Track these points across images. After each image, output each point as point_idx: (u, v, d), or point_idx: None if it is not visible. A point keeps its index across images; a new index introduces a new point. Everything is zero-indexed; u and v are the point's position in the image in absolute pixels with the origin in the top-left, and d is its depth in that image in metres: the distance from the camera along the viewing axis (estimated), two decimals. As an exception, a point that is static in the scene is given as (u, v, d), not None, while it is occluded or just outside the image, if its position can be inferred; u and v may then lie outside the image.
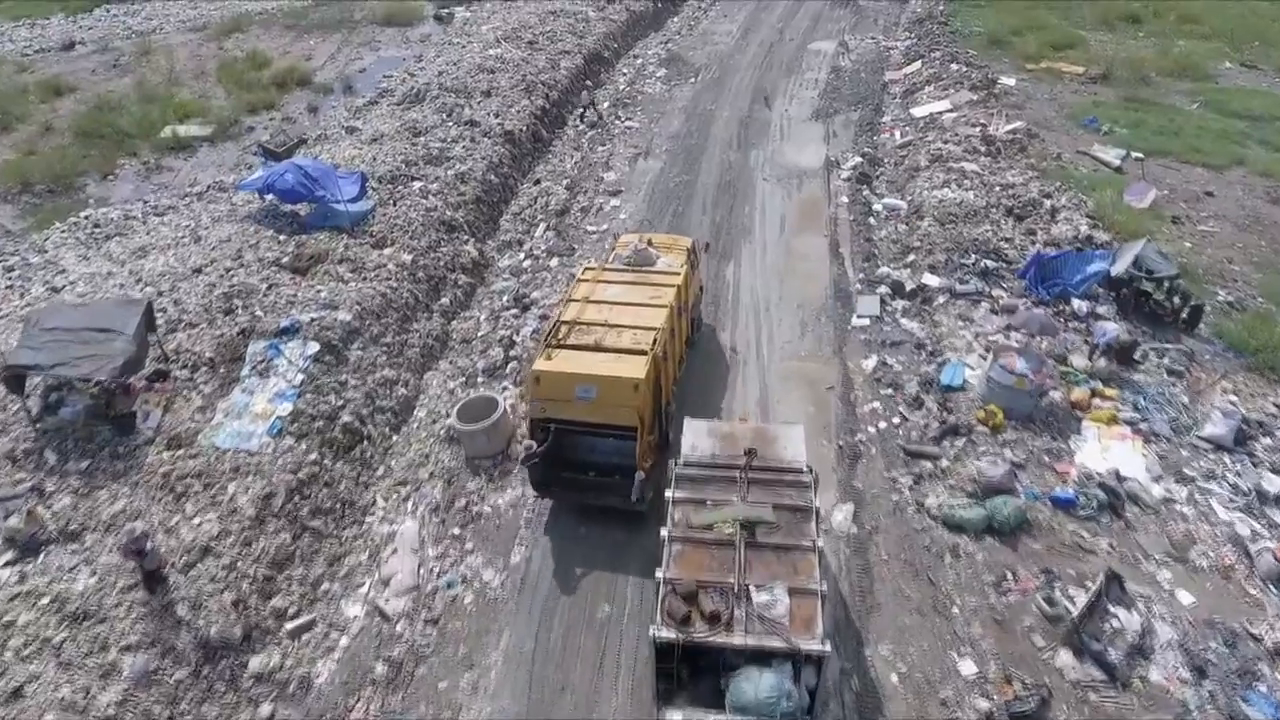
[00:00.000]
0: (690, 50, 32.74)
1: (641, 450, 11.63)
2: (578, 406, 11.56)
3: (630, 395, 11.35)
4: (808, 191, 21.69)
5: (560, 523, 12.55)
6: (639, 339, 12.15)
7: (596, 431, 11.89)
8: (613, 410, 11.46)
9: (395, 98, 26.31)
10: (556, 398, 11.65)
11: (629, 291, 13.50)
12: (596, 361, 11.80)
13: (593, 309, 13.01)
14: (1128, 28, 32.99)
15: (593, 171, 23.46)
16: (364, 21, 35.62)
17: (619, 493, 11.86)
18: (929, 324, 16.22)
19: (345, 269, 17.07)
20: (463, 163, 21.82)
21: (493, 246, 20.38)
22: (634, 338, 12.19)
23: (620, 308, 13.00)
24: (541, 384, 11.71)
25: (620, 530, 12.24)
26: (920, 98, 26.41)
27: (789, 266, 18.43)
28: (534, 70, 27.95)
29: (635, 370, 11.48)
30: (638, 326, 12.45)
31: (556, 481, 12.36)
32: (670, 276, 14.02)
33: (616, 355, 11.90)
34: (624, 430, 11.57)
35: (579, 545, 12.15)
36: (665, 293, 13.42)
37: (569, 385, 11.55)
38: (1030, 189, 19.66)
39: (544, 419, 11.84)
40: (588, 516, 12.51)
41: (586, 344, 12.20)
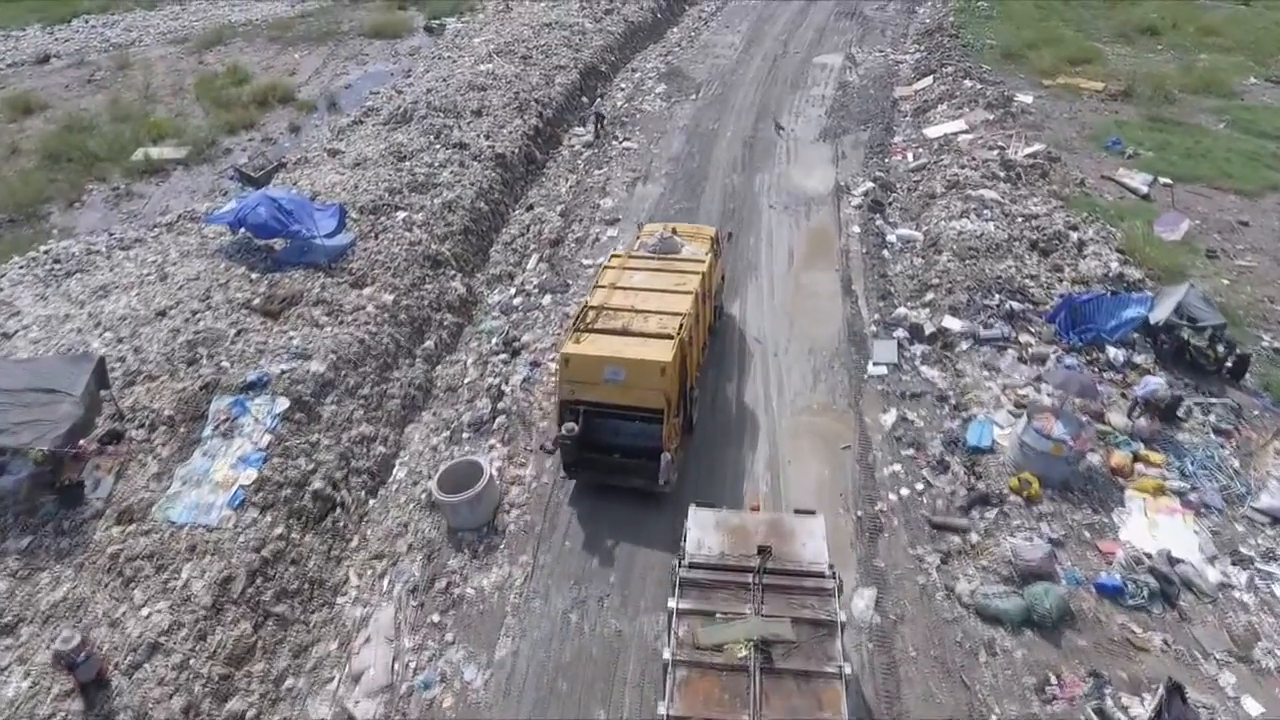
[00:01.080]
0: (691, 64, 31.73)
1: (668, 432, 12.15)
2: (606, 389, 12.04)
3: (657, 378, 11.84)
4: (817, 220, 20.64)
5: (549, 605, 11.45)
6: (665, 324, 12.62)
7: (623, 414, 12.31)
8: (640, 392, 11.94)
9: (381, 117, 25.24)
10: (585, 380, 12.12)
11: (654, 278, 13.95)
12: (624, 345, 12.26)
13: (619, 295, 13.48)
14: (1146, 40, 32.01)
15: (589, 197, 22.40)
16: (351, 33, 34.59)
17: (645, 475, 12.37)
18: (951, 373, 15.15)
19: (321, 312, 15.98)
20: (450, 189, 20.76)
21: (481, 280, 19.32)
22: (660, 323, 12.67)
23: (646, 294, 13.46)
24: (570, 366, 12.18)
25: (615, 617, 11.16)
26: (933, 116, 25.39)
27: (798, 306, 17.37)
28: (527, 87, 26.92)
29: (662, 354, 11.96)
30: (664, 312, 12.91)
31: (584, 463, 12.72)
32: (695, 264, 14.50)
33: (643, 339, 12.35)
34: (651, 412, 12.04)
35: (569, 637, 11.04)
36: (690, 280, 13.89)
37: (598, 368, 12.02)
38: (1055, 220, 18.61)
39: (573, 401, 12.31)
40: (581, 604, 11.41)
41: (614, 328, 12.67)
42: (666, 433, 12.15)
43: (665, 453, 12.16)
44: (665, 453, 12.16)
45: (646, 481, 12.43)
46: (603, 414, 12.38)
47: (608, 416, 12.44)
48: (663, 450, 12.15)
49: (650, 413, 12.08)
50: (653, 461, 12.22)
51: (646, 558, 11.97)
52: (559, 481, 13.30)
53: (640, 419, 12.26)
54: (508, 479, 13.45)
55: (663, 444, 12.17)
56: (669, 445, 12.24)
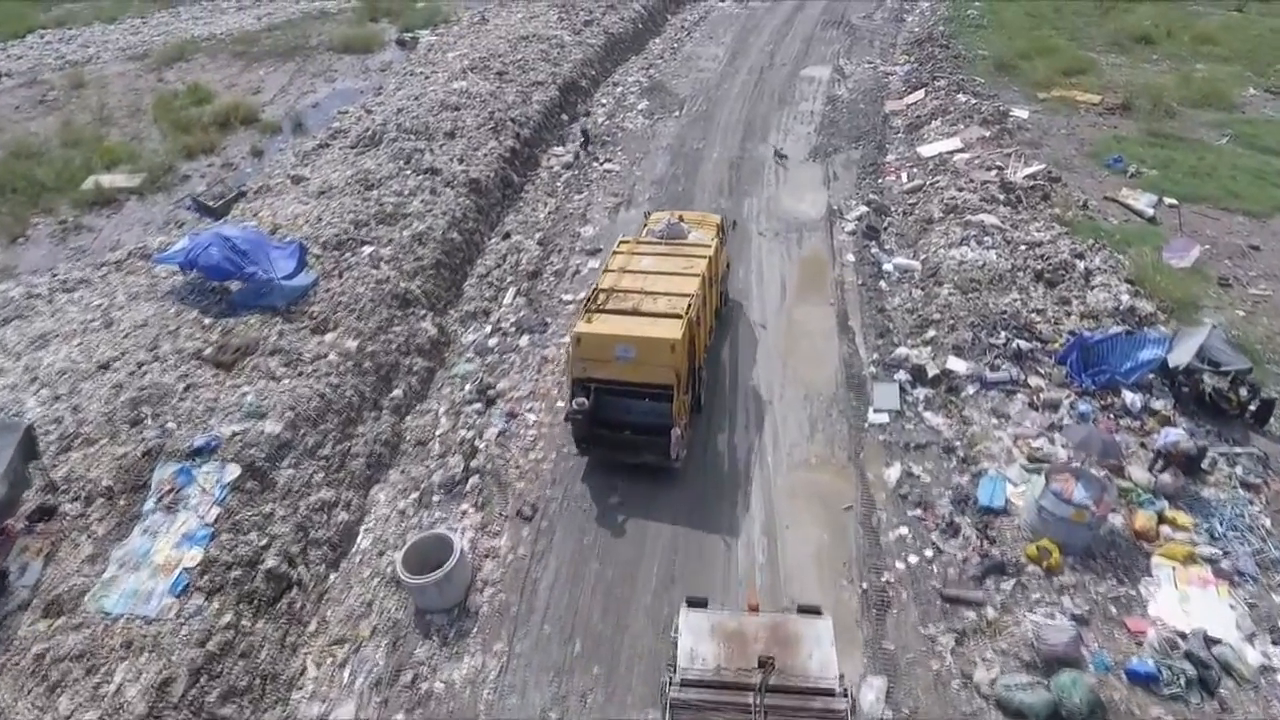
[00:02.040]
0: (674, 78, 30.87)
1: (678, 408, 12.75)
2: (617, 366, 12.62)
3: (667, 355, 12.39)
4: (809, 248, 19.78)
5: (526, 702, 10.45)
6: (674, 304, 13.17)
7: (634, 392, 12.80)
8: (651, 369, 12.50)
9: (348, 140, 24.18)
10: (597, 358, 12.70)
11: (662, 262, 14.56)
12: (634, 324, 12.82)
13: (628, 278, 14.05)
14: (1140, 49, 31.45)
15: (569, 224, 21.45)
16: (320, 48, 33.50)
17: (655, 451, 12.92)
18: (957, 419, 14.29)
19: (277, 362, 14.91)
20: (421, 220, 19.74)
21: (455, 318, 18.31)
22: (669, 303, 13.22)
23: (655, 276, 14.04)
24: (583, 345, 12.74)
25: (600, 715, 10.19)
26: (927, 134, 24.64)
27: (792, 345, 16.47)
28: (503, 105, 25.94)
29: (672, 332, 12.55)
30: (672, 293, 13.48)
31: (596, 440, 13.22)
32: (702, 249, 15.20)
33: (653, 319, 12.91)
34: (661, 389, 12.60)
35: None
36: (697, 263, 14.50)
37: (609, 346, 12.59)
38: (1060, 248, 17.83)
39: (585, 379, 12.88)
40: (561, 700, 10.42)
41: (624, 309, 13.23)
42: (676, 408, 12.75)
43: (675, 428, 12.75)
44: (675, 428, 12.75)
45: (658, 457, 13.00)
46: (614, 392, 12.92)
47: (619, 395, 12.95)
48: (673, 426, 12.73)
49: (660, 389, 12.63)
50: (663, 438, 12.77)
51: (634, 643, 11.00)
52: (536, 554, 12.32)
53: (650, 397, 12.79)
54: (481, 552, 12.44)
55: (673, 419, 12.75)
56: (679, 421, 12.86)
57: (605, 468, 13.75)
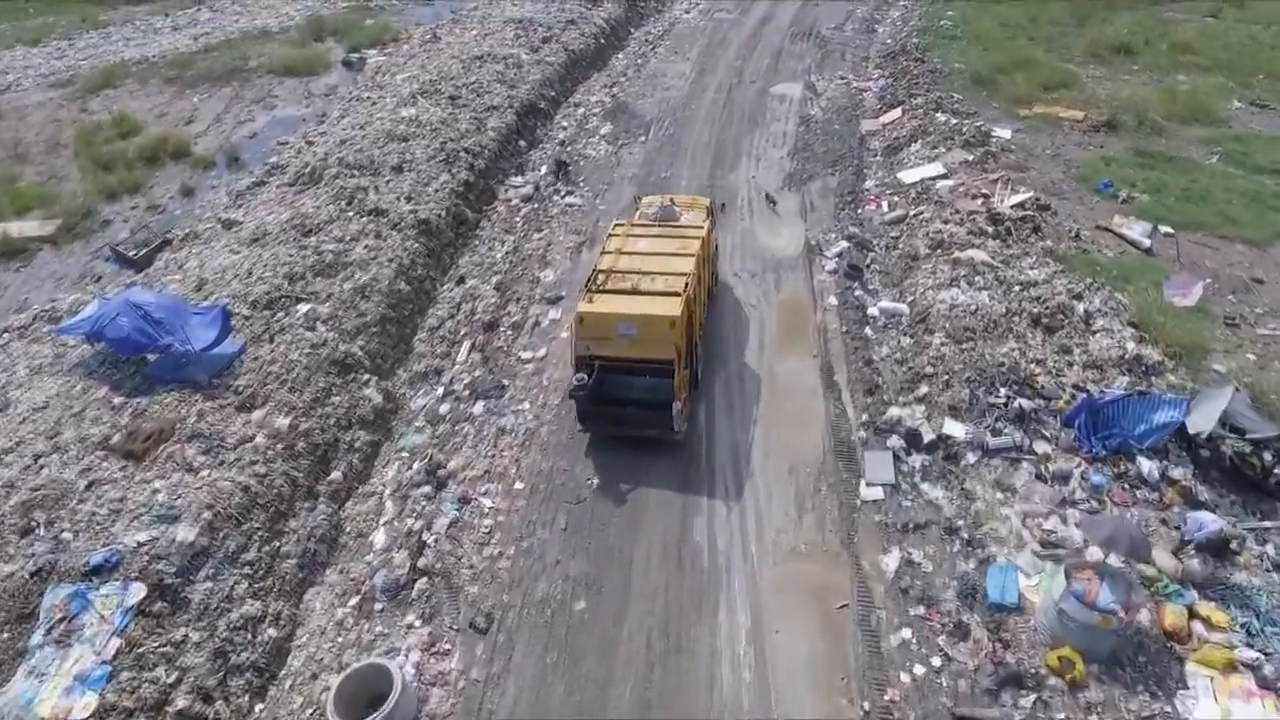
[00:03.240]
0: (639, 98, 29.59)
1: (679, 382, 13.53)
2: (620, 344, 13.33)
3: (667, 330, 13.12)
4: (788, 290, 18.57)
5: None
6: (671, 283, 13.93)
7: (636, 367, 13.51)
8: (652, 345, 13.21)
9: (287, 176, 22.58)
10: (600, 336, 13.40)
11: (657, 244, 15.32)
12: (635, 302, 13.56)
13: (625, 259, 14.76)
14: (1119, 60, 30.78)
15: (527, 267, 20.04)
16: (259, 71, 31.72)
17: (657, 425, 13.75)
18: (958, 492, 13.13)
19: (196, 450, 13.35)
20: (364, 270, 18.24)
21: (403, 379, 16.84)
22: (667, 282, 13.96)
23: (651, 257, 14.78)
24: (585, 324, 13.46)
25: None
26: (907, 157, 23.60)
27: (774, 406, 15.23)
28: (456, 134, 24.47)
29: (671, 309, 13.32)
30: (669, 273, 14.21)
31: (599, 417, 14.05)
32: (695, 230, 16.04)
33: (652, 297, 13.66)
34: (662, 364, 13.32)
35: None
36: (691, 244, 15.31)
37: (611, 324, 13.30)
38: (1056, 288, 16.79)
39: (589, 356, 13.56)
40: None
41: (624, 288, 13.92)
42: (677, 383, 13.51)
43: (677, 402, 13.53)
44: (677, 402, 13.53)
45: (660, 430, 13.82)
46: (616, 370, 13.59)
47: (620, 372, 13.63)
48: (674, 400, 13.48)
49: (661, 364, 13.33)
50: (664, 412, 13.55)
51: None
52: (492, 678, 10.90)
53: (651, 373, 13.49)
54: (428, 677, 11.00)
55: (674, 393, 13.49)
56: (680, 395, 13.61)
57: (569, 553, 12.43)
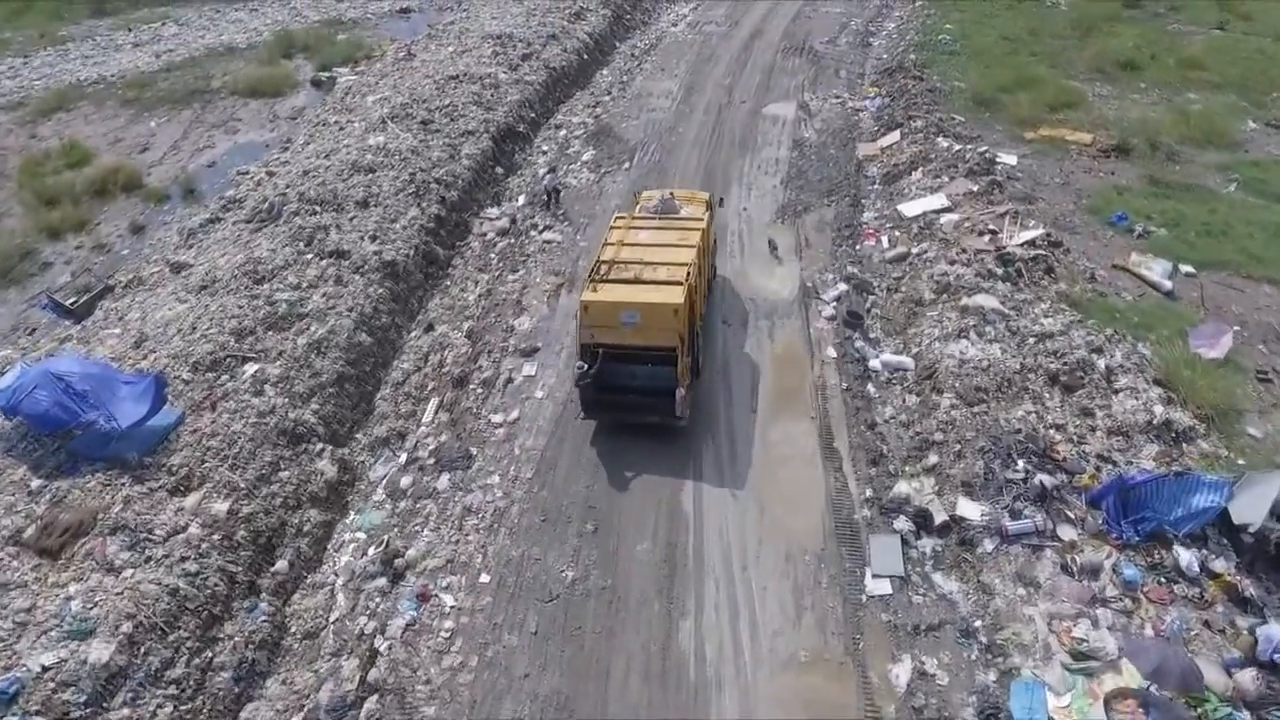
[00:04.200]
0: (623, 120, 28.34)
1: (681, 369, 13.93)
2: (623, 331, 13.69)
3: (671, 318, 13.54)
4: (782, 340, 17.33)
5: None
6: (673, 273, 14.34)
7: (640, 355, 13.93)
8: (655, 332, 13.61)
9: (243, 211, 21.27)
10: (603, 324, 13.76)
11: (659, 235, 15.80)
12: (638, 291, 13.97)
13: (627, 250, 15.17)
14: (1126, 77, 29.71)
15: (501, 313, 18.74)
16: (222, 92, 30.36)
17: (660, 411, 14.21)
18: (975, 586, 11.91)
19: (119, 545, 12.01)
20: (321, 321, 16.94)
21: (362, 444, 15.57)
22: (669, 272, 14.37)
23: (653, 248, 15.20)
24: (590, 312, 13.82)
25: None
26: (907, 187, 22.41)
27: (768, 480, 13.97)
28: (427, 163, 23.19)
29: (674, 297, 13.73)
30: (671, 263, 14.65)
31: (603, 404, 14.54)
32: (695, 222, 16.53)
33: (655, 286, 14.04)
34: (665, 351, 13.73)
35: None
36: (691, 235, 15.79)
37: (615, 312, 13.66)
38: (1074, 340, 15.60)
39: (593, 345, 13.91)
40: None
41: (627, 278, 14.33)
42: (680, 370, 13.90)
43: (679, 388, 13.93)
44: (679, 388, 13.93)
45: (663, 416, 14.26)
46: (619, 359, 13.97)
47: (624, 361, 14.02)
48: (677, 386, 13.89)
49: (664, 351, 13.74)
50: (667, 399, 13.99)
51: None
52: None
53: (653, 361, 13.89)
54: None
55: (677, 380, 13.89)
56: (683, 381, 14.02)
57: (539, 664, 11.13)
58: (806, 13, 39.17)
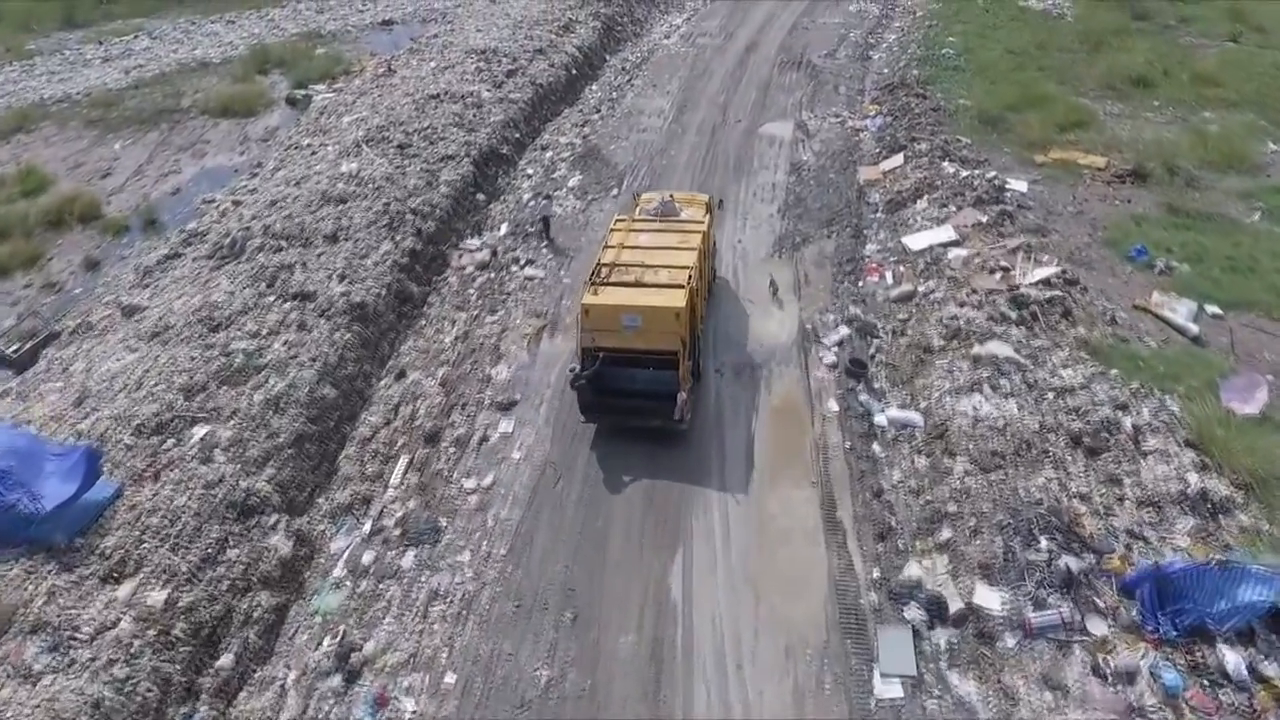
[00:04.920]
0: (611, 141, 27.24)
1: (682, 373, 14.00)
2: (625, 335, 13.78)
3: (672, 322, 13.65)
4: (780, 393, 16.21)
5: None
6: (675, 276, 14.44)
7: (641, 359, 14.03)
8: (657, 336, 13.70)
9: (205, 246, 20.14)
10: (605, 328, 13.87)
11: (659, 238, 15.92)
12: (639, 295, 14.06)
13: (628, 253, 15.28)
14: (1138, 94, 28.66)
15: (478, 360, 17.60)
16: (192, 111, 29.20)
17: (661, 415, 14.22)
18: (995, 689, 10.78)
19: (39, 647, 10.83)
20: (281, 374, 15.79)
21: (322, 511, 14.42)
22: (670, 275, 14.49)
23: (653, 251, 15.34)
24: (591, 315, 13.91)
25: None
26: (912, 218, 21.32)
27: (765, 559, 12.82)
28: (402, 192, 22.07)
29: (676, 300, 13.82)
30: (672, 266, 14.77)
31: (603, 407, 14.62)
32: (695, 224, 16.67)
33: (656, 289, 14.15)
34: (667, 355, 13.83)
35: None
36: (692, 238, 15.93)
37: (616, 316, 13.77)
38: (1096, 395, 14.49)
39: (594, 348, 14.03)
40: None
41: (628, 281, 14.45)
42: (681, 373, 14.02)
43: (681, 392, 14.06)
44: (681, 392, 14.06)
45: (664, 420, 14.30)
46: (619, 362, 14.12)
47: (624, 365, 14.17)
48: (678, 390, 14.02)
49: (666, 355, 13.87)
50: (668, 403, 14.06)
51: None
52: None
53: (654, 365, 14.01)
54: None
55: (678, 384, 14.03)
56: (684, 385, 14.13)
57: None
58: (804, 24, 38.19)
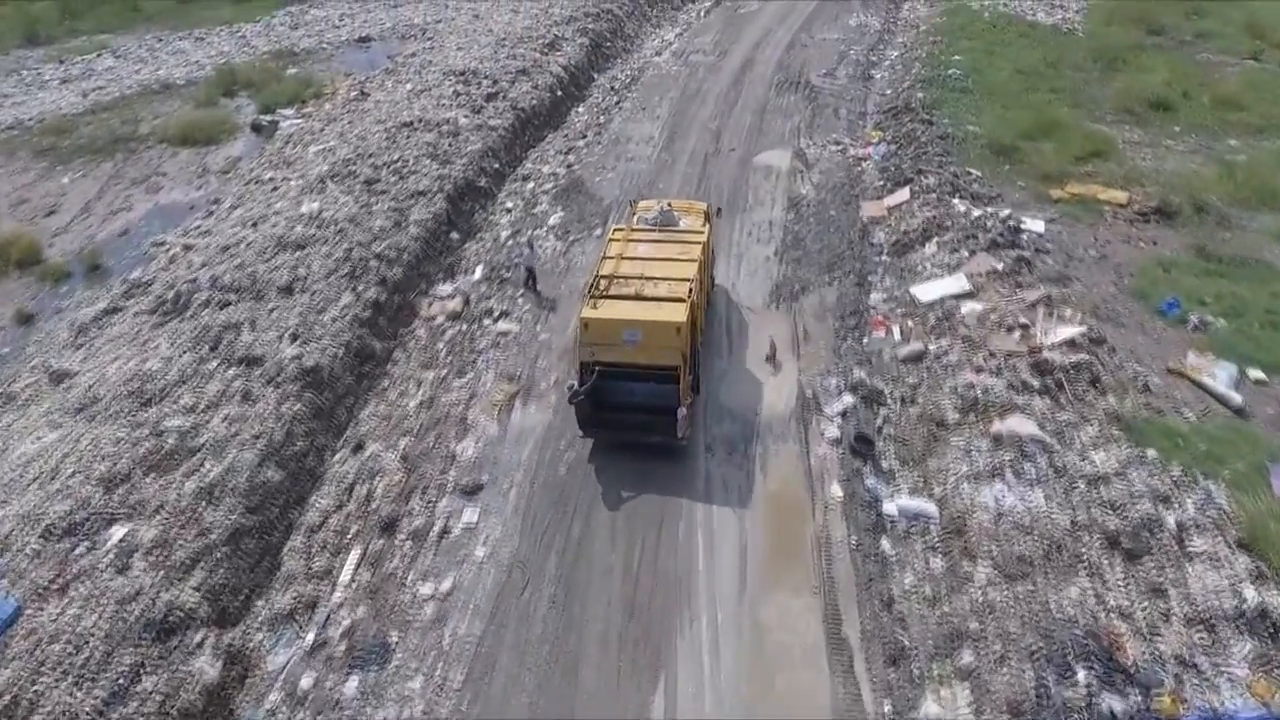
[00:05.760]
0: (597, 172, 25.75)
1: (683, 389, 14.18)
2: (625, 350, 13.97)
3: (673, 337, 13.84)
4: (778, 474, 14.69)
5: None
6: (675, 289, 14.54)
7: (641, 374, 14.18)
8: (658, 351, 13.88)
9: (148, 299, 18.63)
10: (604, 342, 14.03)
11: (659, 248, 15.88)
12: (639, 309, 14.24)
13: (627, 264, 15.30)
14: (1158, 119, 27.25)
15: (443, 432, 16.06)
16: (150, 139, 27.66)
17: (661, 431, 14.39)
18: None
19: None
20: (218, 457, 14.26)
21: (261, 617, 12.91)
22: (670, 288, 14.58)
23: (653, 262, 15.28)
24: (590, 330, 14.10)
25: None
26: (920, 263, 19.84)
27: (759, 687, 11.28)
28: (367, 235, 20.57)
29: (677, 315, 14.01)
30: (672, 278, 14.80)
31: (602, 423, 14.73)
32: (695, 234, 16.62)
33: (657, 303, 14.29)
34: (667, 370, 14.00)
35: None
36: (692, 249, 15.89)
37: (616, 330, 13.95)
38: (1134, 485, 13.00)
39: (593, 363, 14.16)
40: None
41: (627, 294, 14.57)
42: (682, 389, 13.96)
43: (681, 408, 14.00)
44: (681, 408, 14.00)
45: (665, 436, 14.28)
46: (619, 376, 14.08)
47: (623, 379, 14.15)
48: (678, 406, 13.94)
49: (666, 370, 13.84)
50: (668, 418, 14.03)
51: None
52: None
53: (654, 379, 14.00)
54: None
55: (678, 399, 13.95)
56: (684, 400, 14.06)
57: None
58: (802, 40, 36.82)
